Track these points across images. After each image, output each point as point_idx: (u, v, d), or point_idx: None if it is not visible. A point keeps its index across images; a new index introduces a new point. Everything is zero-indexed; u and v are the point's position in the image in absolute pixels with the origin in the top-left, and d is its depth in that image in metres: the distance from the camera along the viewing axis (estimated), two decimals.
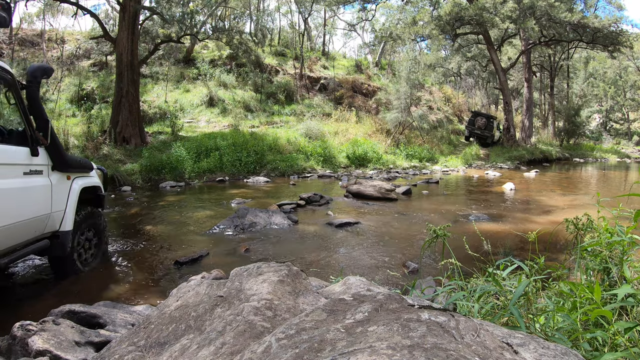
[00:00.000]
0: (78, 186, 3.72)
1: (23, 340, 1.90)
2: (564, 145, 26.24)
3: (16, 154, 2.94)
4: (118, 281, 3.93)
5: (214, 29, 18.01)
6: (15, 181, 2.86)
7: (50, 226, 3.38)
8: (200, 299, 1.67)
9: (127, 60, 12.80)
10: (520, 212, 7.78)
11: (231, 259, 4.63)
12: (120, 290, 3.73)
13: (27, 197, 3.00)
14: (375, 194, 8.70)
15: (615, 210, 1.78)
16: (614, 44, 19.97)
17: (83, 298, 3.42)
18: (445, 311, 1.07)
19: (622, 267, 1.55)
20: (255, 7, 28.46)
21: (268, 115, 19.94)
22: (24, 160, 3.02)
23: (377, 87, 24.66)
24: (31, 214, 3.06)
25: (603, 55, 30.02)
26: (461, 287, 1.92)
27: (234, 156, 12.61)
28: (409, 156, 17.47)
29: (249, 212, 6.25)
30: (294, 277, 1.70)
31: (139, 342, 1.54)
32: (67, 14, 26.59)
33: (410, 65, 18.38)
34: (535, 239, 1.80)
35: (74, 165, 3.69)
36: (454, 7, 18.75)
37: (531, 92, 24.90)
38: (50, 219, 3.35)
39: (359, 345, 0.90)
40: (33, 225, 3.13)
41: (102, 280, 3.91)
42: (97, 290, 3.69)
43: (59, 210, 3.45)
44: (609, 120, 41.41)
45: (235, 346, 1.20)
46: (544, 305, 1.60)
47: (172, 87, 20.25)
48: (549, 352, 1.06)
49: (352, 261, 4.64)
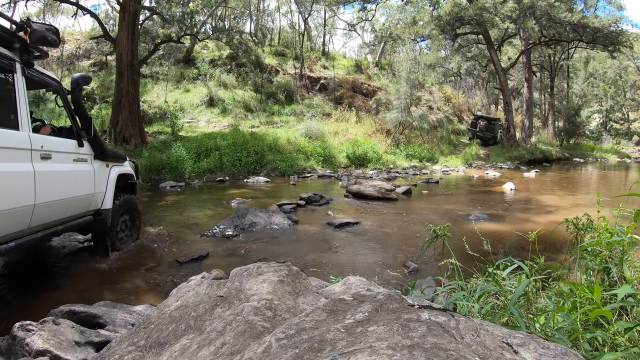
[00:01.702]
0: (115, 173, 4.41)
1: (23, 340, 1.90)
2: (564, 145, 26.24)
3: (67, 145, 3.68)
4: (118, 281, 3.93)
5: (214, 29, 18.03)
6: (68, 165, 3.62)
7: (94, 205, 4.09)
8: (200, 299, 1.67)
9: (127, 60, 12.80)
10: (520, 212, 7.78)
11: (231, 259, 4.63)
12: (120, 290, 3.73)
13: (76, 178, 3.74)
14: (375, 194, 8.70)
15: (615, 210, 1.78)
16: (614, 44, 19.98)
17: (83, 298, 3.43)
18: (445, 311, 1.07)
19: (622, 267, 1.55)
20: (255, 7, 28.46)
21: (268, 115, 19.94)
22: (73, 149, 3.76)
23: (377, 87, 24.67)
24: (80, 192, 3.78)
25: (603, 55, 30.03)
26: (461, 287, 1.92)
27: (234, 156, 12.61)
28: (409, 156, 17.47)
29: (249, 212, 6.25)
30: (294, 277, 1.70)
31: (139, 342, 1.54)
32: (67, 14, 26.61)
33: (410, 65, 18.38)
34: (535, 239, 1.80)
35: (111, 155, 4.39)
36: (454, 7, 18.76)
37: (531, 92, 24.91)
38: (94, 199, 4.06)
39: (359, 345, 0.90)
40: (81, 202, 3.84)
41: (102, 280, 3.91)
42: (97, 290, 3.69)
43: (100, 192, 4.15)
44: (609, 120, 41.41)
45: (235, 346, 1.20)
46: (544, 305, 1.60)
47: (172, 87, 20.26)
48: (549, 352, 1.06)
49: (352, 261, 4.64)
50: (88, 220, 4.01)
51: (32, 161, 3.04)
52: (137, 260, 4.54)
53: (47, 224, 3.36)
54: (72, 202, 3.67)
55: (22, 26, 3.10)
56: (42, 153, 3.18)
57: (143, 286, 3.86)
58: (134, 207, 4.89)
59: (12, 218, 2.82)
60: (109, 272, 4.16)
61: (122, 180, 4.63)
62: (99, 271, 4.14)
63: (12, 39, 2.96)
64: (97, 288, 3.73)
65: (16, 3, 16.18)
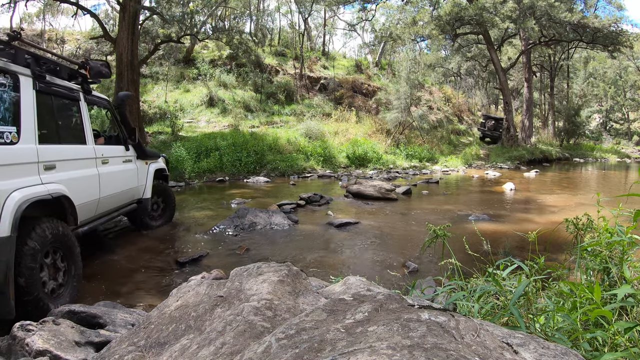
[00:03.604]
0: (153, 168, 5.49)
1: (23, 340, 1.90)
2: (564, 145, 26.22)
3: (118, 150, 4.74)
4: (118, 281, 3.93)
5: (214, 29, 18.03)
6: (119, 166, 4.65)
7: (137, 195, 5.20)
8: (200, 299, 1.67)
9: (127, 60, 12.79)
10: (520, 212, 7.78)
11: (231, 259, 4.63)
12: (120, 290, 3.73)
13: (125, 176, 4.76)
14: (375, 194, 8.70)
15: (615, 210, 1.78)
16: (614, 44, 19.96)
17: (83, 298, 3.43)
18: (445, 311, 1.07)
19: (622, 267, 1.55)
20: (255, 7, 28.44)
21: (268, 115, 19.93)
22: (122, 153, 4.81)
23: (377, 87, 24.65)
24: (128, 186, 4.84)
25: (603, 55, 30.00)
26: (461, 287, 1.92)
27: (234, 156, 12.61)
28: (409, 156, 17.47)
29: (249, 212, 6.25)
30: (294, 277, 1.70)
31: (139, 342, 1.54)
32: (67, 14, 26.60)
33: (410, 65, 18.37)
34: (535, 239, 1.80)
35: (149, 155, 5.47)
36: (454, 7, 18.74)
37: (531, 92, 24.90)
38: (137, 190, 5.17)
39: (359, 345, 0.90)
40: (129, 194, 4.93)
41: (102, 280, 3.92)
42: (97, 290, 3.69)
43: (142, 185, 5.24)
44: (609, 120, 41.39)
45: (235, 346, 1.20)
46: (544, 305, 1.60)
47: (172, 87, 20.25)
48: (549, 352, 1.06)
49: (352, 261, 4.64)
50: (134, 207, 5.10)
51: (97, 166, 4.07)
52: (137, 260, 4.54)
53: (107, 211, 4.40)
54: (123, 194, 4.74)
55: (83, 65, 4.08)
56: (102, 159, 4.22)
57: (143, 286, 3.86)
58: (166, 193, 5.98)
59: (86, 209, 3.80)
60: (109, 272, 4.17)
61: (157, 173, 5.71)
62: (99, 271, 4.14)
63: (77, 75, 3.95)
64: (97, 288, 3.73)
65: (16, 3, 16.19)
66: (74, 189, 3.45)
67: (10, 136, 2.83)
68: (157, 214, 5.87)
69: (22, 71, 3.04)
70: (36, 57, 3.30)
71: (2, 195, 2.63)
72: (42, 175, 3.11)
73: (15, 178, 2.80)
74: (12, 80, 2.93)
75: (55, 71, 3.56)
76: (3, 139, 2.75)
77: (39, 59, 3.34)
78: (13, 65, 2.96)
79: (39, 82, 3.22)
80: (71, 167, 3.56)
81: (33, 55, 3.26)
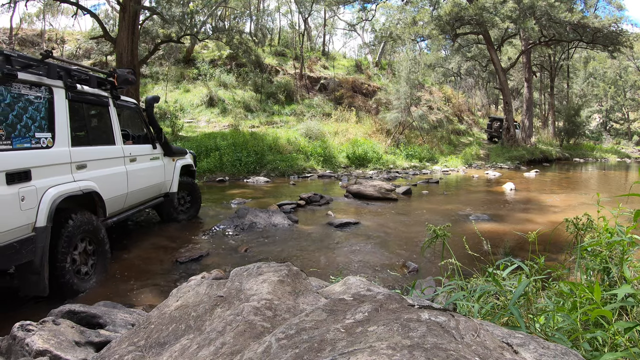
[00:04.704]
0: (179, 164, 5.89)
1: (23, 340, 1.90)
2: (564, 145, 26.22)
3: (145, 149, 5.13)
4: (118, 281, 3.93)
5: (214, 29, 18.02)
6: (146, 163, 5.06)
7: (164, 189, 5.62)
8: (200, 299, 1.67)
9: (127, 60, 12.79)
10: (520, 212, 7.78)
11: (231, 259, 4.63)
12: (120, 290, 3.73)
13: (152, 172, 5.17)
14: (375, 194, 8.70)
15: (615, 210, 1.78)
16: (614, 44, 19.95)
17: (83, 298, 3.43)
18: (445, 311, 1.07)
19: (622, 267, 1.55)
20: (255, 7, 28.45)
21: (268, 115, 19.93)
22: (149, 152, 5.19)
23: (377, 87, 24.64)
24: (155, 181, 5.26)
25: (603, 55, 30.01)
26: (461, 287, 1.92)
27: (234, 156, 12.61)
28: (409, 156, 17.46)
29: (249, 212, 6.25)
30: (294, 277, 1.70)
31: (139, 342, 1.54)
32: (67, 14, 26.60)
33: (410, 65, 18.36)
34: (535, 239, 1.80)
35: (176, 152, 5.84)
36: (454, 7, 18.73)
37: (531, 92, 24.90)
38: (164, 185, 5.57)
39: (359, 345, 0.90)
40: (156, 188, 5.34)
41: (102, 280, 3.91)
42: (97, 290, 3.69)
43: (168, 180, 5.64)
44: (609, 120, 41.39)
45: (235, 346, 1.20)
46: (544, 305, 1.60)
47: (172, 87, 20.25)
48: (549, 352, 1.06)
49: (352, 261, 4.64)
50: (161, 200, 5.53)
51: (125, 164, 4.48)
52: (137, 260, 4.54)
53: (135, 204, 4.82)
54: (150, 189, 5.16)
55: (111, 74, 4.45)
56: (130, 157, 4.62)
57: (143, 286, 3.86)
58: (193, 187, 6.35)
59: (115, 202, 4.24)
60: (109, 272, 4.16)
61: (184, 169, 6.09)
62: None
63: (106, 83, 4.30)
64: (97, 288, 3.73)
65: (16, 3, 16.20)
66: (103, 185, 3.88)
67: (46, 141, 3.29)
68: (184, 208, 6.24)
69: (55, 83, 3.45)
70: (67, 70, 3.69)
71: (39, 192, 3.09)
72: (74, 173, 3.56)
73: (51, 177, 3.26)
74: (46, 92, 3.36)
75: (85, 81, 3.93)
76: (40, 144, 3.21)
77: (70, 72, 3.73)
78: (47, 79, 3.35)
79: (71, 92, 3.62)
80: (101, 165, 3.99)
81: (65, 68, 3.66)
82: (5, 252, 2.78)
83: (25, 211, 2.96)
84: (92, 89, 4.03)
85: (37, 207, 3.04)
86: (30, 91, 3.20)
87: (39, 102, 3.27)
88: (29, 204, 2.99)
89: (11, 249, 2.83)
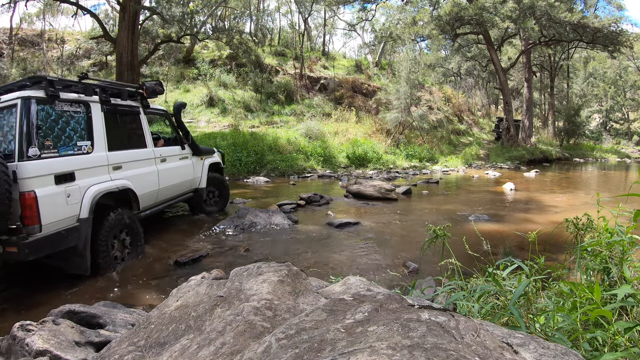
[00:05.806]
0: (207, 163, 6.43)
1: (23, 340, 1.90)
2: (564, 145, 26.20)
3: (174, 150, 5.65)
4: (118, 281, 3.93)
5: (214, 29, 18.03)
6: (176, 163, 5.61)
7: (194, 185, 6.17)
8: (200, 299, 1.67)
9: (127, 60, 12.79)
10: (520, 212, 7.78)
11: (231, 259, 4.63)
12: (120, 290, 3.73)
13: (183, 170, 5.74)
14: (375, 194, 8.70)
15: (615, 210, 1.78)
16: (614, 44, 19.93)
17: (83, 298, 3.43)
18: (445, 311, 1.07)
19: (622, 267, 1.55)
20: (255, 7, 28.43)
21: (268, 115, 19.92)
22: (178, 152, 5.73)
23: (377, 87, 24.63)
24: (184, 178, 5.80)
25: (603, 55, 29.98)
26: (461, 287, 1.92)
27: (234, 156, 12.61)
28: (409, 156, 17.46)
29: (249, 212, 6.25)
30: (294, 277, 1.70)
31: (139, 342, 1.54)
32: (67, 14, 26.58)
33: (410, 65, 18.35)
34: (535, 239, 1.80)
35: (204, 151, 6.39)
36: (454, 7, 18.72)
37: (531, 92, 24.88)
38: (194, 181, 6.12)
39: (359, 345, 0.90)
40: (186, 185, 5.89)
41: (102, 280, 3.91)
42: (97, 290, 3.69)
43: (197, 177, 6.20)
44: (609, 120, 41.36)
45: (235, 346, 1.20)
46: (544, 305, 1.60)
47: (172, 87, 20.24)
48: (549, 352, 1.06)
49: (352, 261, 4.64)
50: (191, 195, 6.12)
51: (156, 164, 5.05)
52: (137, 260, 4.54)
53: (166, 199, 5.40)
54: (180, 185, 5.71)
55: (141, 86, 5.01)
56: (161, 158, 5.19)
57: (143, 286, 3.86)
58: (221, 183, 6.84)
59: (148, 197, 4.83)
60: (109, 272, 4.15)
61: (213, 166, 6.63)
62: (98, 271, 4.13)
63: (137, 95, 4.90)
64: (97, 288, 3.73)
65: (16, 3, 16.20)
66: (136, 183, 4.47)
67: (87, 148, 3.92)
68: (213, 201, 6.76)
69: (91, 99, 4.06)
70: (102, 87, 4.29)
71: (82, 189, 3.72)
72: (111, 174, 4.18)
73: (92, 177, 3.89)
74: (84, 108, 3.98)
75: (118, 95, 4.55)
76: (82, 150, 3.85)
77: (104, 88, 4.33)
78: (84, 96, 3.98)
79: (106, 105, 4.25)
80: (134, 166, 4.57)
81: (99, 86, 4.27)
82: (55, 237, 3.41)
83: (71, 205, 3.56)
84: (124, 101, 4.61)
85: (80, 202, 3.66)
86: (71, 107, 3.81)
87: (79, 115, 3.88)
88: (74, 199, 3.60)
89: (60, 235, 3.46)
